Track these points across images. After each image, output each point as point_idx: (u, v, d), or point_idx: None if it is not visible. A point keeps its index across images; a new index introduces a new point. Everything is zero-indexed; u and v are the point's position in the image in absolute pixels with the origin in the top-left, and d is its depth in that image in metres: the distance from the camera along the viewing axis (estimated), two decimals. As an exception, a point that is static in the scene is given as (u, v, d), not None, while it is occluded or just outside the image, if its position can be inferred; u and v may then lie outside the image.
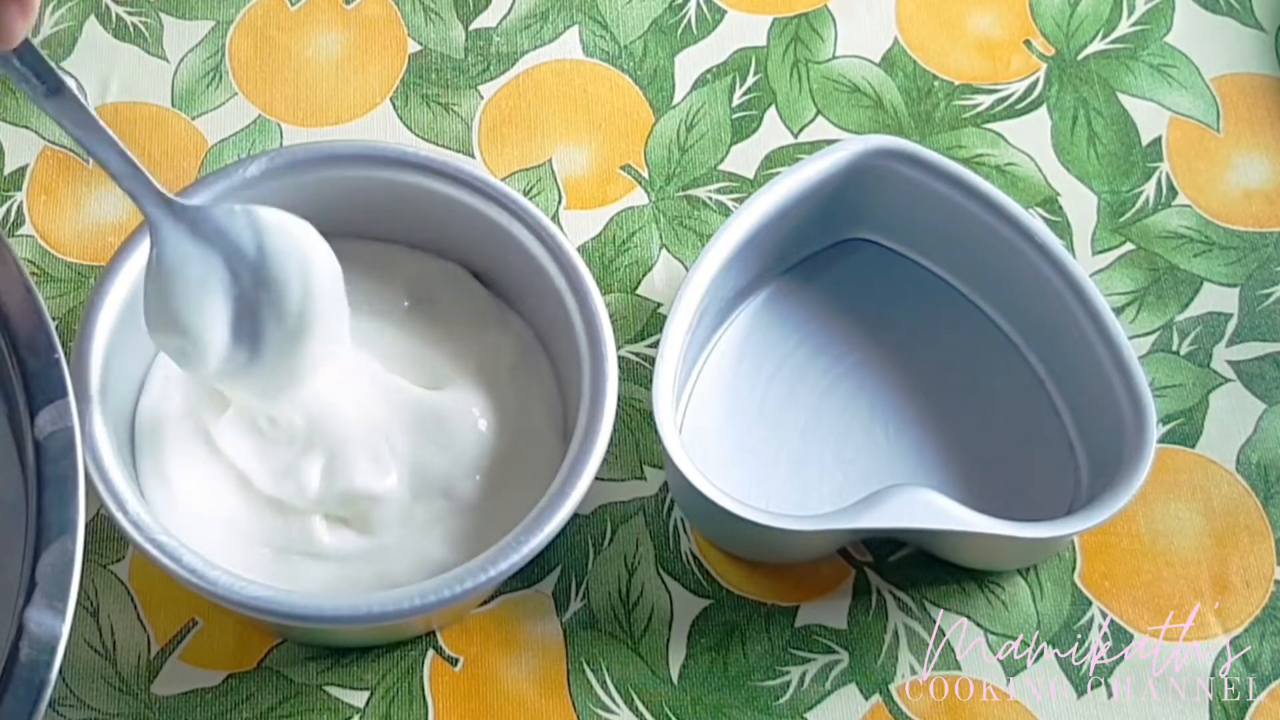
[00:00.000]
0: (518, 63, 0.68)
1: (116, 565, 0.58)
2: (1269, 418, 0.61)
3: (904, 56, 0.68)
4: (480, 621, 0.58)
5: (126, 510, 0.52)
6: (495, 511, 0.55)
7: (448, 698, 0.57)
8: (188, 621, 0.58)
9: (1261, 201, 0.66)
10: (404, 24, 0.68)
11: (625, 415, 0.61)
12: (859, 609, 0.58)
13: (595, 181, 0.65)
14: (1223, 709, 0.57)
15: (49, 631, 0.46)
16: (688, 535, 0.59)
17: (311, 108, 0.67)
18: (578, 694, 0.57)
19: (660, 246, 0.64)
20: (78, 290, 0.63)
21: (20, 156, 0.65)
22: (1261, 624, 0.58)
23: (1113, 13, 0.69)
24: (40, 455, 0.49)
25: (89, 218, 0.64)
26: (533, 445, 0.57)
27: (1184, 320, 0.63)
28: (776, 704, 0.57)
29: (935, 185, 0.60)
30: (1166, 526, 0.60)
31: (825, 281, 0.63)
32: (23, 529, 0.48)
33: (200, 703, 0.57)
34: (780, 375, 0.61)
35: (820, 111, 0.67)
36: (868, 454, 0.60)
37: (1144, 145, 0.66)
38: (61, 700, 0.56)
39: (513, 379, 0.58)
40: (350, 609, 0.51)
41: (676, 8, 0.69)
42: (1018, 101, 0.67)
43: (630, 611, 0.58)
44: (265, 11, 0.68)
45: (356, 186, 0.58)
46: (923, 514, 0.55)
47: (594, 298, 0.56)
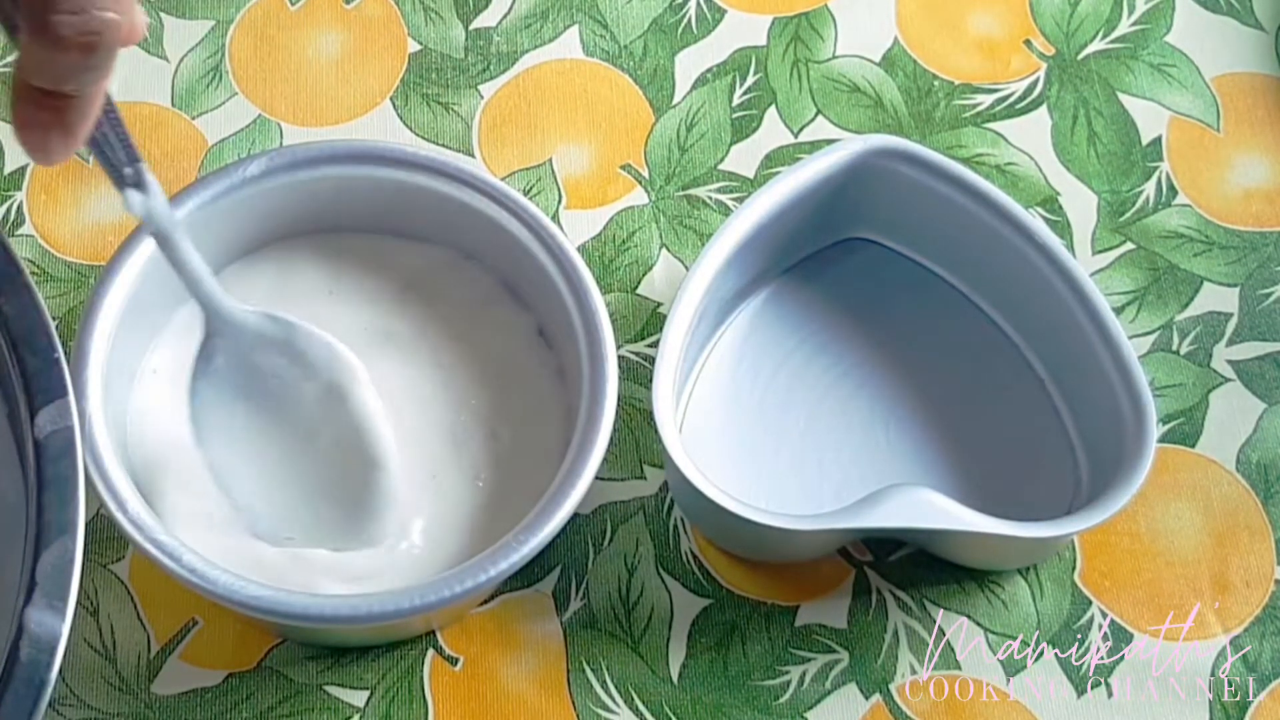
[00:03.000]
0: (518, 62, 0.68)
1: (116, 565, 0.58)
2: (1269, 417, 0.61)
3: (904, 56, 0.68)
4: (480, 621, 0.58)
5: (126, 510, 0.52)
6: (496, 509, 0.56)
7: (448, 697, 0.57)
8: (188, 621, 0.58)
9: (1261, 201, 0.66)
10: (404, 24, 0.68)
11: (625, 415, 0.61)
12: (859, 609, 0.58)
13: (595, 181, 0.65)
14: (1223, 709, 0.57)
15: (49, 631, 0.46)
16: (688, 535, 0.59)
17: (311, 107, 0.67)
18: (578, 694, 0.57)
19: (660, 246, 0.64)
20: (78, 290, 0.63)
21: (20, 156, 0.65)
22: (1261, 624, 0.58)
23: (1113, 12, 0.69)
24: (40, 455, 0.49)
25: (89, 218, 0.64)
26: (534, 442, 0.57)
27: (1184, 320, 0.63)
28: (776, 703, 0.57)
29: (935, 185, 0.60)
30: (1166, 526, 0.60)
31: (825, 281, 0.63)
32: (23, 529, 0.48)
33: (200, 702, 0.57)
34: (780, 375, 0.61)
35: (820, 111, 0.67)
36: (868, 454, 0.60)
37: (1144, 145, 0.66)
38: (61, 700, 0.56)
39: (513, 364, 0.58)
40: (350, 609, 0.51)
41: (676, 7, 0.69)
42: (1018, 101, 0.67)
43: (630, 611, 0.58)
44: (265, 11, 0.68)
45: (356, 186, 0.58)
46: (923, 514, 0.55)
47: (594, 297, 0.56)
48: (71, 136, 0.46)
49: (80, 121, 0.46)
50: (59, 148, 0.46)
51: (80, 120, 0.46)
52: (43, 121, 0.45)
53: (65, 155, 0.46)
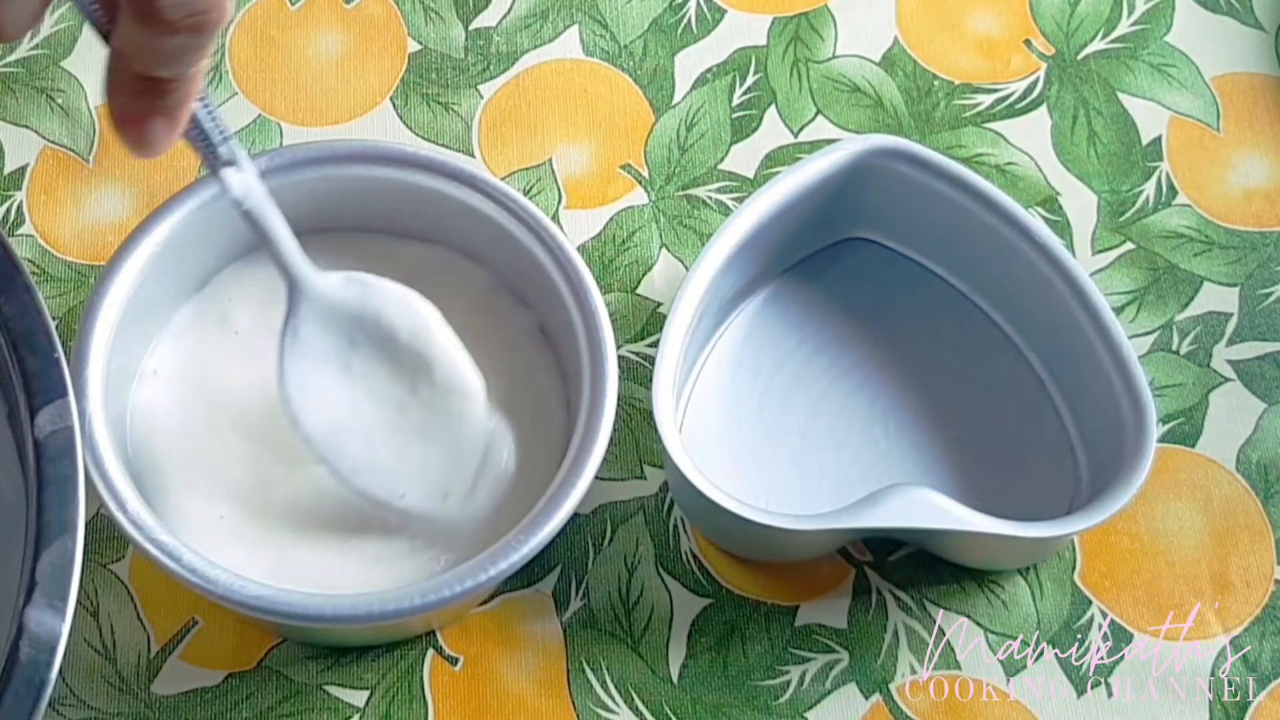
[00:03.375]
0: (518, 62, 0.68)
1: (116, 565, 0.58)
2: (1269, 417, 0.61)
3: (904, 56, 0.68)
4: (480, 621, 0.58)
5: (126, 510, 0.52)
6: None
7: (448, 697, 0.57)
8: (188, 621, 0.58)
9: (1261, 201, 0.66)
10: (404, 23, 0.68)
11: (625, 415, 0.61)
12: (859, 608, 0.58)
13: (595, 181, 0.65)
14: (1223, 709, 0.57)
15: (49, 631, 0.46)
16: (688, 535, 0.59)
17: (311, 107, 0.67)
18: (578, 693, 0.57)
19: (660, 246, 0.64)
20: (78, 290, 0.63)
21: (20, 156, 0.65)
22: (1261, 624, 0.58)
23: (1113, 12, 0.69)
24: (40, 455, 0.49)
25: (89, 218, 0.64)
26: (536, 440, 0.57)
27: (1184, 320, 0.63)
28: (776, 703, 0.57)
29: (935, 185, 0.60)
30: (1166, 526, 0.60)
31: (825, 281, 0.63)
32: (23, 529, 0.48)
33: (200, 702, 0.57)
34: (780, 375, 0.61)
35: (820, 111, 0.67)
36: (868, 454, 0.60)
37: (1144, 145, 0.66)
38: (61, 700, 0.56)
39: (514, 360, 0.58)
40: (350, 609, 0.51)
41: (676, 7, 0.69)
42: (1018, 101, 0.67)
43: (630, 611, 0.58)
44: (265, 11, 0.68)
45: (356, 186, 0.58)
46: (923, 514, 0.55)
47: (594, 297, 0.56)
48: (174, 122, 0.45)
49: (182, 105, 0.45)
50: (163, 136, 0.45)
51: (182, 104, 0.45)
52: (143, 111, 0.44)
53: (168, 144, 0.46)
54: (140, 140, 0.45)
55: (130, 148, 0.45)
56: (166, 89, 0.44)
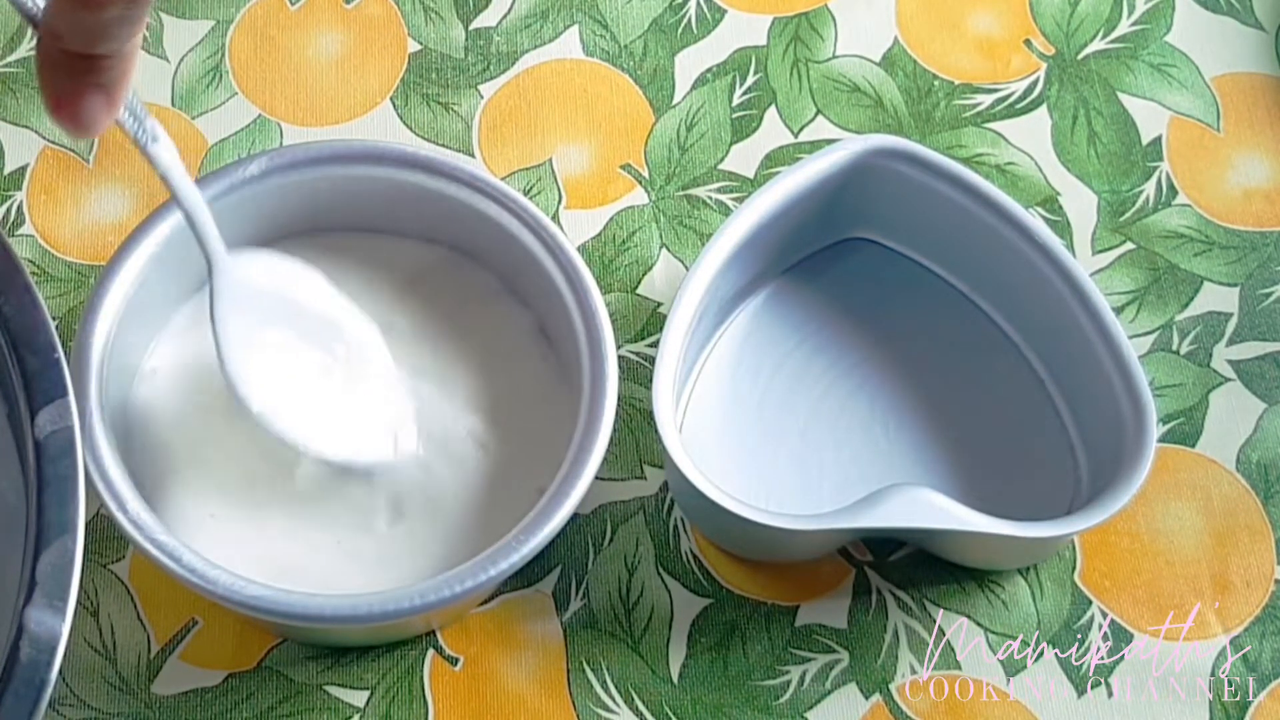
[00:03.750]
0: (518, 62, 0.68)
1: (116, 565, 0.58)
2: (1269, 417, 0.61)
3: (904, 56, 0.68)
4: (480, 621, 0.58)
5: (126, 510, 0.52)
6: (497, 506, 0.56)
7: (448, 697, 0.57)
8: (188, 621, 0.58)
9: (1261, 201, 0.66)
10: (404, 24, 0.68)
11: (625, 415, 0.61)
12: (859, 609, 0.58)
13: (595, 181, 0.65)
14: (1223, 709, 0.57)
15: (49, 631, 0.46)
16: (688, 535, 0.59)
17: (311, 107, 0.67)
18: (578, 693, 0.57)
19: (660, 246, 0.64)
20: (78, 290, 0.63)
21: (20, 156, 0.65)
22: (1261, 624, 0.58)
23: (1113, 12, 0.69)
24: (40, 455, 0.49)
25: (89, 218, 0.64)
26: (536, 440, 0.57)
27: (1184, 320, 0.63)
28: (776, 703, 0.57)
29: (935, 185, 0.60)
30: (1166, 526, 0.60)
31: (825, 281, 0.63)
32: (23, 529, 0.48)
33: (200, 702, 0.57)
34: (780, 375, 0.61)
35: (820, 111, 0.67)
36: (868, 454, 0.60)
37: (1144, 145, 0.66)
38: (61, 700, 0.56)
39: (514, 360, 0.58)
40: (350, 609, 0.51)
41: (676, 7, 0.69)
42: (1018, 101, 0.67)
43: (630, 611, 0.58)
44: (265, 11, 0.68)
45: (356, 186, 0.58)
46: (923, 514, 0.55)
47: (594, 297, 0.56)
48: (113, 100, 0.45)
49: (120, 82, 0.44)
50: (101, 114, 0.45)
51: (120, 80, 0.44)
52: (80, 90, 0.44)
53: (107, 122, 0.45)
54: (79, 120, 0.45)
55: (68, 128, 0.45)
56: (102, 66, 0.44)
